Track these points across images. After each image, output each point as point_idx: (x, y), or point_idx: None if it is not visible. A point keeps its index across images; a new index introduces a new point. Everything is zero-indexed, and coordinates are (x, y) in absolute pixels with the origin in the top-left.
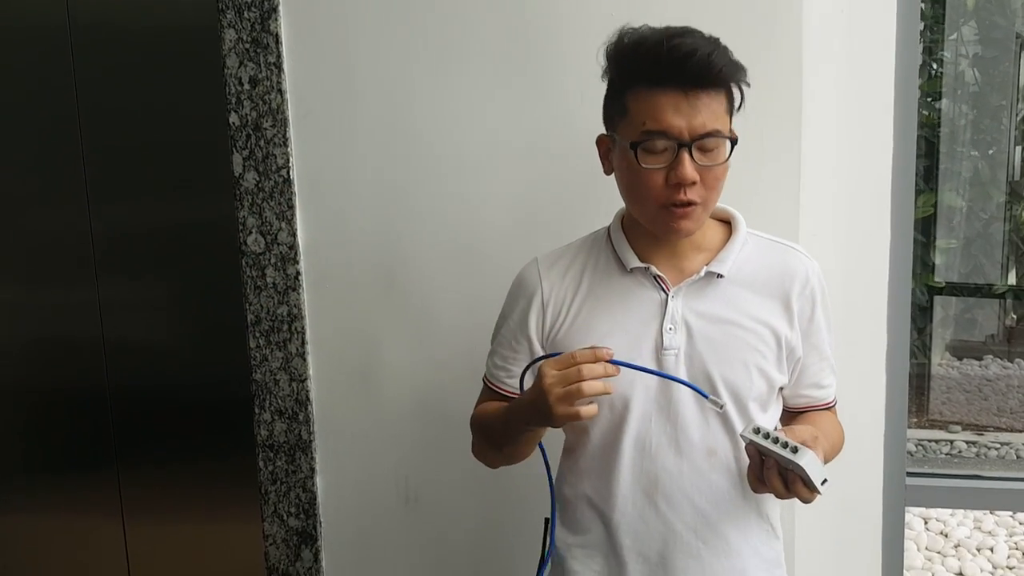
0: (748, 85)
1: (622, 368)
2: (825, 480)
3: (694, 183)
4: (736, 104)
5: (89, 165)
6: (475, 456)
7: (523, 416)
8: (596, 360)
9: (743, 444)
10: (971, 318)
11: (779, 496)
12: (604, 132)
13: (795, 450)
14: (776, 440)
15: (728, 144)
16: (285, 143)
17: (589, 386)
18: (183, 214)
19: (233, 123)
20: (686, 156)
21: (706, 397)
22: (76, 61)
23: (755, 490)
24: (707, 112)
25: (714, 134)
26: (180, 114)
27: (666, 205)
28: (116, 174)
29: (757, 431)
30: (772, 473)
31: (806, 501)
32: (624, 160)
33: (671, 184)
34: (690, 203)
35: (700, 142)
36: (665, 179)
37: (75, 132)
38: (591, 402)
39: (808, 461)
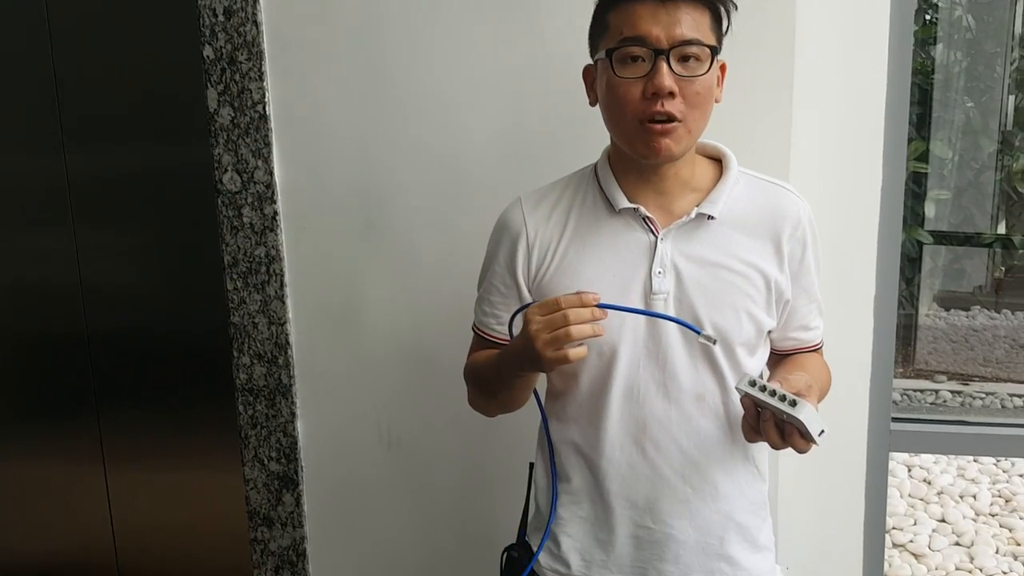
0: (735, 7)
1: (610, 312)
2: (823, 431)
3: (672, 94)
4: (724, 27)
5: (63, 103)
6: (471, 406)
7: (514, 362)
8: (583, 304)
9: (734, 391)
10: (959, 269)
11: (775, 447)
12: (590, 63)
13: (793, 403)
14: (773, 393)
15: (709, 56)
16: (261, 77)
17: (578, 330)
18: (157, 152)
19: (207, 56)
20: (663, 64)
21: (698, 333)
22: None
23: (749, 440)
24: (687, 22)
25: (694, 42)
26: (153, 48)
27: (644, 120)
28: (90, 112)
29: (753, 383)
30: (769, 425)
31: (801, 452)
32: (604, 77)
33: (648, 96)
34: (670, 118)
35: (679, 50)
36: (643, 91)
37: (49, 71)
38: (580, 344)
39: (807, 415)
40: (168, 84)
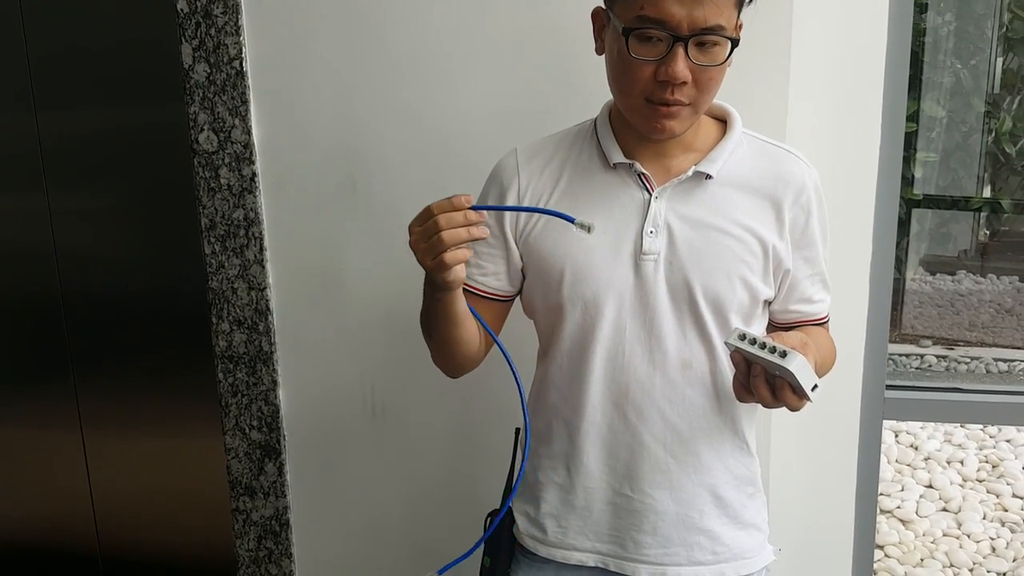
0: None
1: (598, 271)
2: (816, 386)
3: (684, 83)
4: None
5: (33, 59)
6: (434, 363)
7: (425, 287)
8: (454, 208)
9: (723, 360)
10: (945, 232)
11: (766, 405)
12: (602, 6)
13: (784, 354)
14: (763, 345)
15: (729, 44)
16: (237, 32)
17: (450, 235)
18: (131, 111)
19: (181, 10)
20: (680, 52)
21: (572, 221)
22: None
23: (740, 399)
24: (711, 5)
25: (715, 30)
26: (125, 6)
27: (651, 100)
28: (60, 68)
29: (743, 337)
30: (759, 380)
31: (794, 409)
32: (615, 43)
33: (659, 80)
34: (676, 103)
35: (698, 38)
36: (654, 73)
37: (19, 29)
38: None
39: (798, 365)
40: (142, 40)
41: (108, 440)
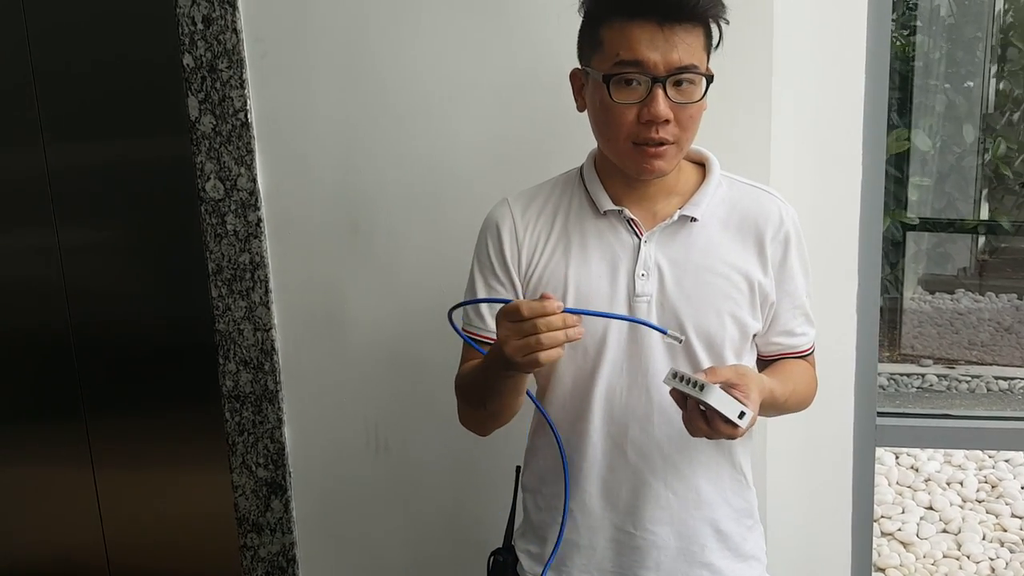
0: (727, 22)
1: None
2: (743, 414)
3: (667, 121)
4: (714, 42)
5: (43, 111)
6: (463, 424)
7: (498, 362)
8: (546, 312)
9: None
10: (943, 252)
11: (707, 436)
12: (578, 67)
13: (701, 388)
14: (689, 381)
15: (704, 82)
16: (242, 85)
17: (549, 338)
18: (139, 160)
19: (187, 65)
20: (660, 92)
21: (664, 333)
22: (26, 4)
23: (691, 434)
24: (683, 47)
25: (689, 69)
26: (132, 57)
27: (638, 142)
28: (69, 122)
29: (675, 375)
30: (694, 414)
31: (732, 437)
32: (597, 94)
33: (643, 121)
34: (662, 142)
35: (675, 77)
36: (637, 115)
37: (28, 75)
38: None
39: (715, 398)
40: (149, 93)
41: (119, 477)
